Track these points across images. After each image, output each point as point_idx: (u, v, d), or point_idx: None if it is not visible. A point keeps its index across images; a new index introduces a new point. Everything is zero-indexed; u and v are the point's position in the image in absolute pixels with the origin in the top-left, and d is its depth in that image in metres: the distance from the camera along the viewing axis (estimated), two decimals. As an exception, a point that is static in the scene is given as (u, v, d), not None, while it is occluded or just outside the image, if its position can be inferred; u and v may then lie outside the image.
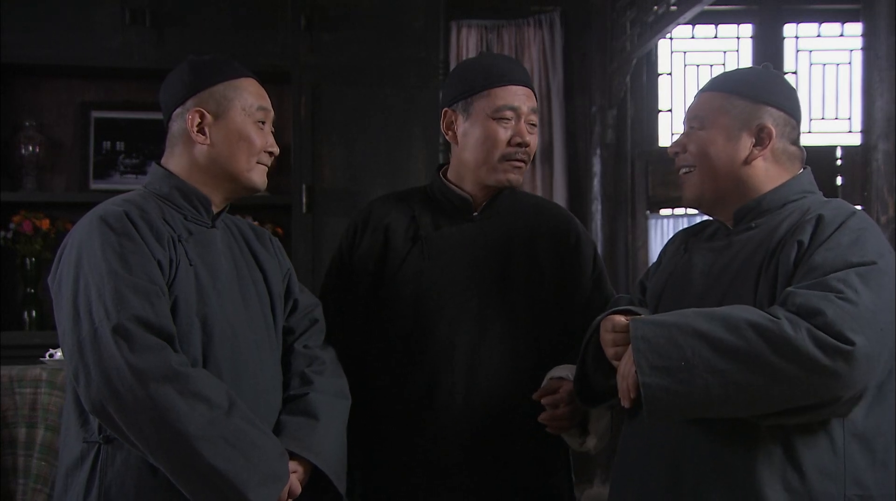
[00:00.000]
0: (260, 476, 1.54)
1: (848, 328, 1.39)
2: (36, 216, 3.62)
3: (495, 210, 2.00)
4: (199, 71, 1.73)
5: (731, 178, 1.64)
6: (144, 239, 1.59)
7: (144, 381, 1.49)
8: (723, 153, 1.63)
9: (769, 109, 1.63)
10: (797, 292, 1.44)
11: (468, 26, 4.43)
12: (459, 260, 1.96)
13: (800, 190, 1.65)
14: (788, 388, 1.41)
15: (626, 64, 4.28)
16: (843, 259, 1.46)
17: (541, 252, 1.98)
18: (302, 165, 3.71)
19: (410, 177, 3.64)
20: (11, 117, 3.74)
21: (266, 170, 1.78)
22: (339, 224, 3.63)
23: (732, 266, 1.60)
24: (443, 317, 1.93)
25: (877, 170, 2.71)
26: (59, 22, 3.60)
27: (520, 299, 1.94)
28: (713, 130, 1.64)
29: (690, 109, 1.70)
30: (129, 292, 1.53)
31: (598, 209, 4.50)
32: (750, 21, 5.04)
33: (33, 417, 2.82)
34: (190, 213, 1.70)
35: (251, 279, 1.77)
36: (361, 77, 3.75)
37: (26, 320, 3.68)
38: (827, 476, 1.48)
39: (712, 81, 1.71)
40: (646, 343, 1.46)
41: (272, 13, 3.72)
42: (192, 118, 1.69)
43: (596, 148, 4.49)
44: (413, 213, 2.02)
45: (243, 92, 1.73)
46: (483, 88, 1.94)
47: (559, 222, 2.05)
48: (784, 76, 1.73)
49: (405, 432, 1.93)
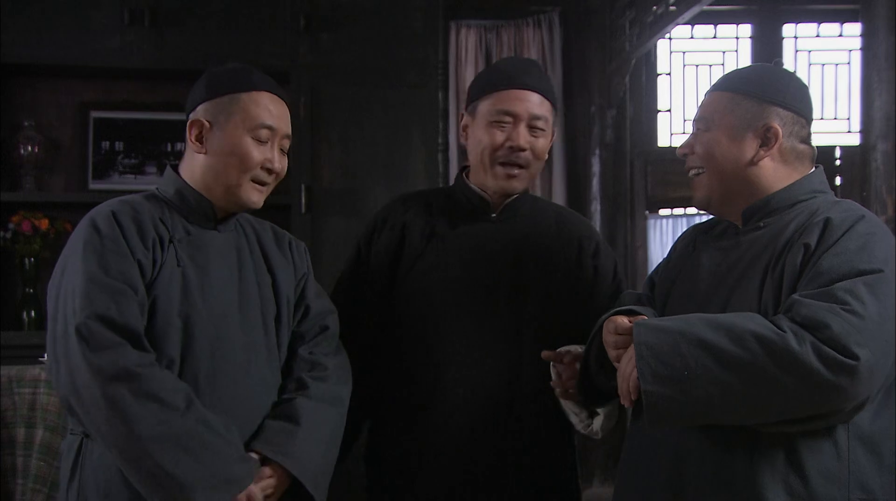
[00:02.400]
0: (211, 479, 1.54)
1: (853, 343, 1.38)
2: (35, 216, 3.62)
3: (514, 213, 2.01)
4: (214, 80, 1.73)
5: (738, 178, 1.63)
6: (127, 239, 1.61)
7: (99, 379, 1.51)
8: (728, 154, 1.62)
9: (776, 109, 1.61)
10: (803, 301, 1.43)
11: (467, 26, 4.43)
12: (473, 259, 1.96)
13: (810, 190, 1.63)
14: (790, 400, 1.40)
15: (625, 64, 4.28)
16: (851, 266, 1.44)
17: (556, 258, 1.98)
18: (301, 166, 3.70)
19: (410, 177, 3.64)
20: (10, 117, 3.73)
21: (262, 190, 1.75)
22: (338, 224, 3.63)
23: (739, 266, 1.60)
24: (453, 315, 1.94)
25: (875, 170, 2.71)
26: (58, 22, 3.59)
27: (531, 302, 1.94)
28: (718, 131, 1.63)
29: (698, 110, 1.69)
30: (97, 292, 1.55)
31: (597, 209, 4.50)
32: (749, 21, 5.04)
33: (32, 417, 2.82)
34: (191, 215, 1.71)
35: (256, 283, 1.76)
36: (361, 77, 3.74)
37: (25, 320, 3.67)
38: (830, 480, 1.46)
39: (721, 81, 1.69)
40: (649, 350, 1.45)
41: (271, 13, 3.72)
42: (192, 128, 1.71)
43: (595, 148, 4.49)
44: (432, 211, 2.03)
45: (250, 105, 1.70)
46: (486, 91, 1.95)
47: (580, 231, 2.05)
48: (794, 74, 1.70)
49: (411, 428, 1.94)
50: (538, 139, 1.95)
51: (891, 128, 2.66)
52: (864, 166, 2.79)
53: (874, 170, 2.72)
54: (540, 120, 1.94)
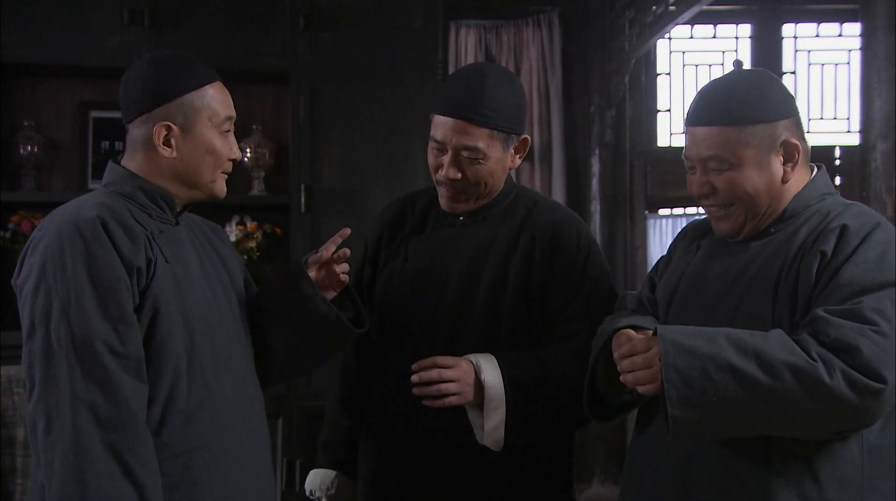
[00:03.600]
0: None
1: (883, 366, 1.38)
2: (34, 216, 3.61)
3: (482, 217, 1.95)
4: (165, 77, 1.67)
5: (773, 199, 1.59)
6: (119, 247, 1.55)
7: (80, 416, 1.46)
8: (761, 185, 1.57)
9: (783, 122, 1.57)
10: (831, 321, 1.41)
11: (467, 26, 4.43)
12: (433, 266, 1.93)
13: (819, 193, 1.61)
14: (816, 423, 1.42)
15: (624, 64, 4.28)
16: (872, 278, 1.43)
17: (516, 260, 1.90)
18: (301, 166, 3.70)
19: (409, 177, 3.64)
20: (10, 117, 3.73)
21: (226, 177, 1.76)
22: (338, 224, 3.59)
23: (749, 272, 1.57)
24: (412, 321, 1.92)
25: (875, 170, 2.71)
26: (57, 22, 3.59)
27: (486, 308, 1.89)
28: (744, 167, 1.56)
29: (702, 148, 1.59)
30: (96, 315, 1.50)
31: (596, 209, 4.50)
32: (749, 21, 5.04)
33: (32, 417, 2.82)
34: (155, 212, 1.68)
35: (216, 275, 1.76)
36: (361, 77, 3.74)
37: (25, 320, 3.67)
38: (844, 486, 1.46)
39: (714, 115, 1.58)
40: (678, 374, 1.42)
41: (271, 13, 3.71)
42: (159, 132, 1.65)
43: (595, 148, 4.49)
44: (412, 213, 2.02)
45: (210, 101, 1.69)
46: (433, 109, 1.89)
47: (541, 222, 1.93)
48: (769, 74, 1.66)
49: (386, 433, 1.94)
50: (476, 167, 1.85)
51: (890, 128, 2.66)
52: (864, 166, 2.79)
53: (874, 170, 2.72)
54: (469, 150, 1.83)
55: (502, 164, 1.89)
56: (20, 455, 2.81)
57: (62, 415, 1.48)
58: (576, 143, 4.56)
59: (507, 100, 1.86)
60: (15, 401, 2.81)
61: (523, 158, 1.96)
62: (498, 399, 1.78)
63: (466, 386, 1.78)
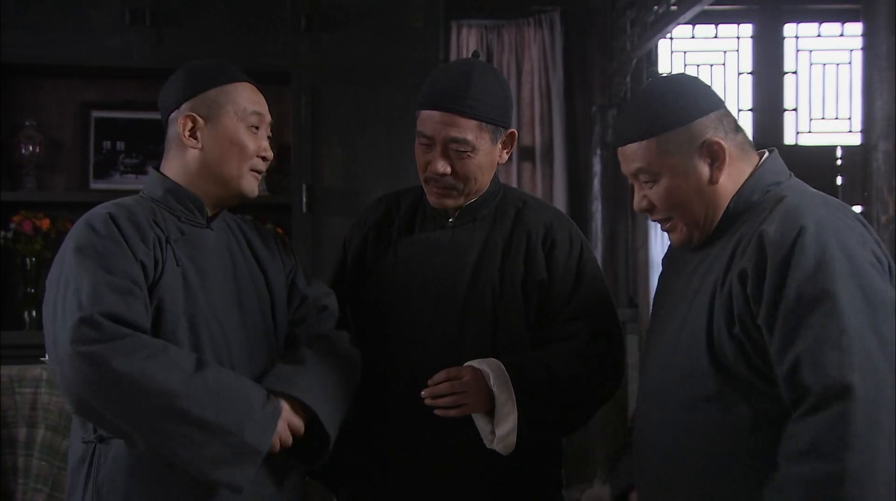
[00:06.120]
0: (253, 417, 1.56)
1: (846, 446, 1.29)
2: (36, 216, 3.62)
3: (472, 217, 1.93)
4: (194, 76, 1.73)
5: (708, 204, 1.54)
6: (128, 240, 1.60)
7: (111, 359, 1.49)
8: (688, 191, 1.53)
9: (699, 121, 1.50)
10: (799, 425, 1.32)
11: (468, 26, 4.43)
12: (424, 268, 1.91)
13: (763, 186, 1.53)
14: None
15: (626, 64, 4.28)
16: (810, 296, 1.33)
17: (515, 260, 1.90)
18: (302, 165, 3.71)
19: (410, 177, 3.59)
20: (11, 117, 3.74)
21: (258, 177, 1.77)
22: (339, 224, 3.63)
23: (693, 285, 1.54)
24: (402, 324, 1.90)
25: (877, 170, 2.70)
26: (58, 22, 3.60)
27: (488, 310, 1.87)
28: (666, 177, 1.53)
29: (629, 164, 1.57)
30: (105, 290, 1.53)
31: (598, 209, 4.50)
32: (750, 21, 5.04)
33: (33, 417, 2.82)
34: (183, 214, 1.71)
35: (251, 280, 1.77)
36: (361, 77, 3.74)
37: (26, 319, 3.68)
38: None
39: (632, 130, 1.55)
40: None
41: (272, 13, 3.72)
42: (185, 122, 1.70)
43: (596, 148, 4.49)
44: (398, 214, 2.00)
45: (237, 96, 1.72)
46: (419, 105, 1.87)
47: (535, 222, 1.93)
48: (682, 77, 1.61)
49: (378, 434, 1.91)
50: (465, 160, 1.83)
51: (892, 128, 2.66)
52: (866, 166, 2.78)
53: (875, 170, 2.71)
54: (458, 143, 1.81)
55: (490, 158, 1.88)
56: (21, 455, 2.81)
57: (102, 370, 1.49)
58: (577, 142, 4.56)
59: (493, 91, 1.85)
60: (17, 401, 2.81)
61: (510, 153, 1.95)
62: (509, 406, 1.77)
63: (477, 396, 1.78)
